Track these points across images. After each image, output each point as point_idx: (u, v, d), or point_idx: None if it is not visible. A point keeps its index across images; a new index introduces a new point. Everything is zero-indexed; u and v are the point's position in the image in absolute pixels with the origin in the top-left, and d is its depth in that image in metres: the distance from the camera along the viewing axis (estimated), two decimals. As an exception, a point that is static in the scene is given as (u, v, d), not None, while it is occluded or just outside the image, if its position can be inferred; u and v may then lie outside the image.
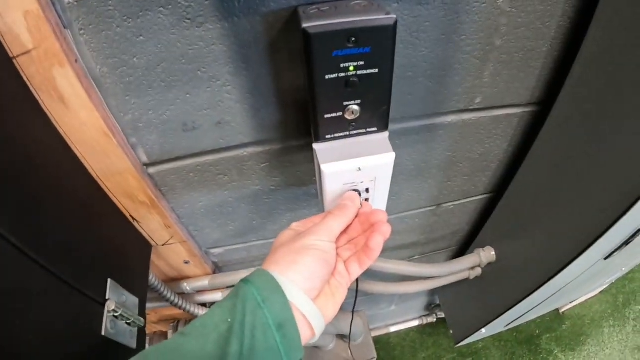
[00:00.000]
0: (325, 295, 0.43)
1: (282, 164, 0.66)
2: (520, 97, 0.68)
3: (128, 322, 0.59)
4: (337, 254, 0.46)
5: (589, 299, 2.55)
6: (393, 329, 2.15)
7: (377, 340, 2.16)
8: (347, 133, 0.50)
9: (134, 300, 0.62)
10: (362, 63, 0.42)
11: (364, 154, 0.50)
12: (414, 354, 2.17)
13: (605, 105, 0.57)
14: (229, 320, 0.35)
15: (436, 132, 0.69)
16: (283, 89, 0.53)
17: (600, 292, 2.58)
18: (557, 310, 2.43)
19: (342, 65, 0.42)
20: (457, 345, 1.63)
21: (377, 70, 0.43)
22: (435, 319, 2.12)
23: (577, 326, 2.48)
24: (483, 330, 1.18)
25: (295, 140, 0.62)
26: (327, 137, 0.49)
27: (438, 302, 1.93)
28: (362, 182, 0.52)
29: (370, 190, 0.54)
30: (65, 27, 0.41)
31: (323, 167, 0.49)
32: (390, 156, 0.51)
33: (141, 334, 0.62)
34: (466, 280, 1.06)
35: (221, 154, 0.61)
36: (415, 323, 2.16)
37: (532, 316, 1.40)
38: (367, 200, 0.55)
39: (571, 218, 0.68)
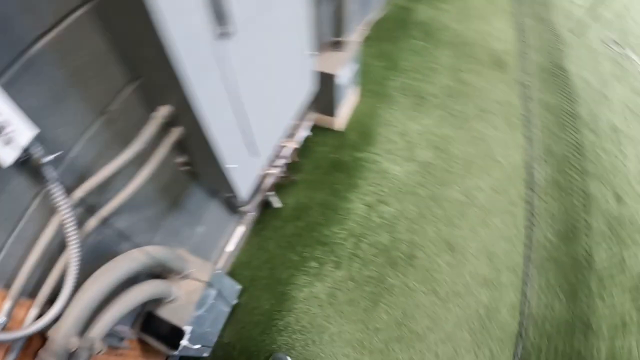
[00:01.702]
0: None
1: None
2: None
3: None
4: None
5: (353, 106, 2.87)
6: (229, 248, 2.25)
7: (233, 272, 2.22)
8: None
9: None
10: None
11: None
12: (266, 249, 2.32)
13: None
14: None
15: (37, 63, 0.86)
16: None
17: (358, 96, 2.94)
18: (337, 132, 2.73)
19: None
20: (252, 207, 1.87)
21: None
22: (249, 211, 2.24)
23: (357, 134, 2.76)
24: (233, 180, 1.48)
25: None
26: None
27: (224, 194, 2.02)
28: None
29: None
30: None
31: None
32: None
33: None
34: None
35: None
36: (240, 228, 2.32)
37: (268, 138, 1.73)
38: (8, 135, 0.73)
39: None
